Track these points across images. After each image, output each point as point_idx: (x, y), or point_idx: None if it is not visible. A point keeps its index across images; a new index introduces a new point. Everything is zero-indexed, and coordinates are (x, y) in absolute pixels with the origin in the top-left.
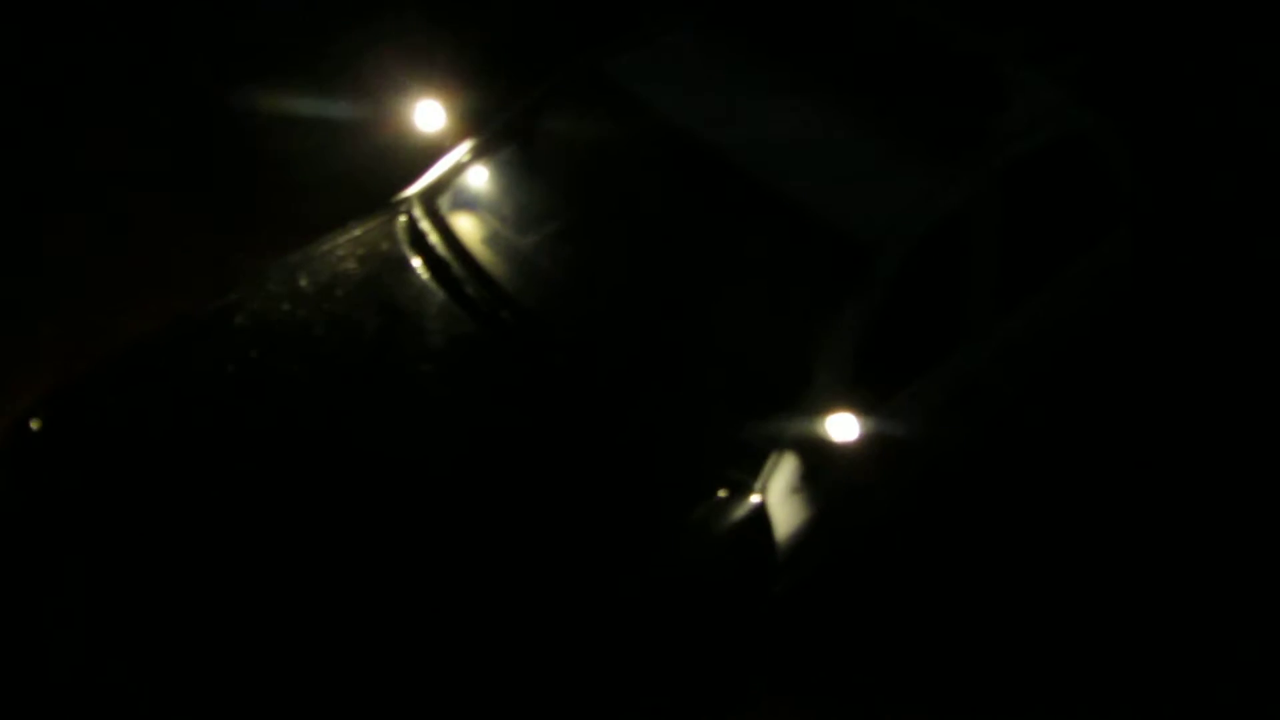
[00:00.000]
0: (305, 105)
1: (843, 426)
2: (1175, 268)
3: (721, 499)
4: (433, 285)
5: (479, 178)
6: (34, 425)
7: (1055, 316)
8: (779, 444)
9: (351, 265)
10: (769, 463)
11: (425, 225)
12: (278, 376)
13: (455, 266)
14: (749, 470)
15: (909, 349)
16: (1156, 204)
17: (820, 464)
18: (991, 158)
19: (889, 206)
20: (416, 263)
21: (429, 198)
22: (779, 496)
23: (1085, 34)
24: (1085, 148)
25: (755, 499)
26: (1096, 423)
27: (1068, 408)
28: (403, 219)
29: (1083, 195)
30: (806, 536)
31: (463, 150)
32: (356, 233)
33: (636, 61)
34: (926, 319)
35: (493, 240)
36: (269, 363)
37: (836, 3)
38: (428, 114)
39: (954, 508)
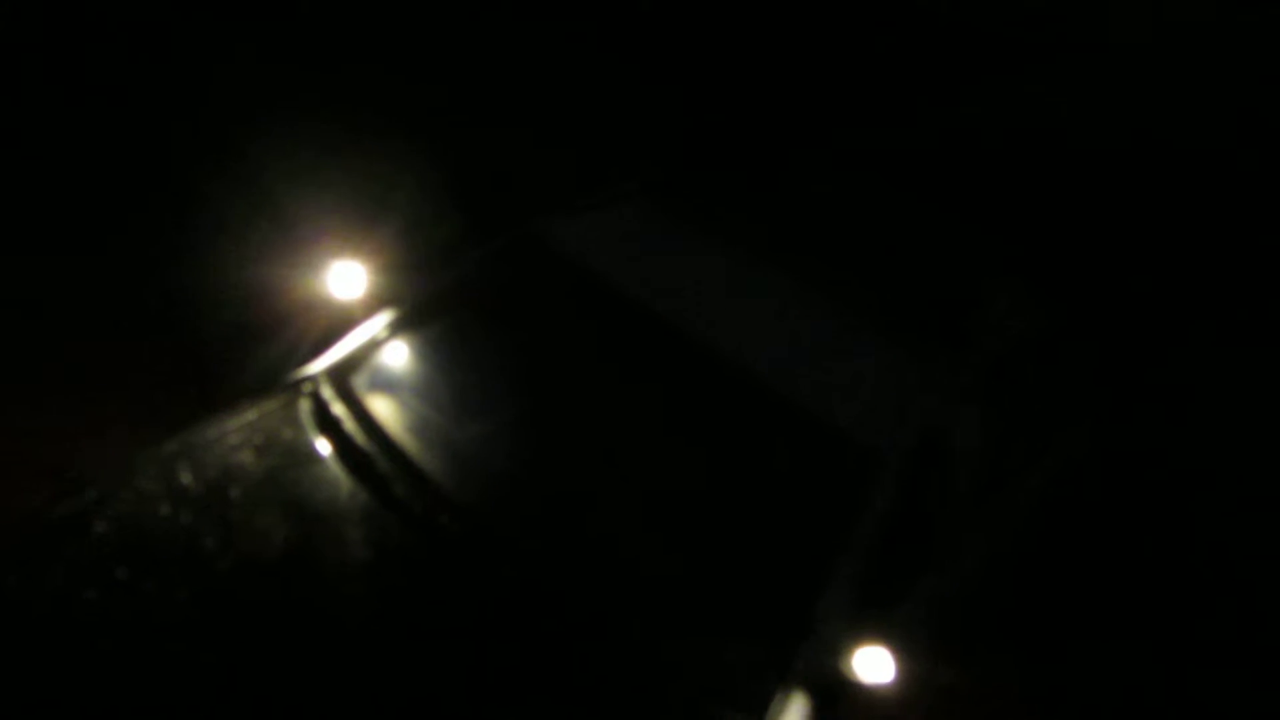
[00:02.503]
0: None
1: (863, 661)
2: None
3: None
4: (351, 483)
5: (401, 354)
6: None
7: (1025, 509)
8: (786, 678)
9: (247, 456)
10: (774, 702)
11: (338, 409)
12: (157, 605)
13: (380, 460)
14: (751, 711)
15: (908, 562)
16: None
17: (836, 702)
18: (978, 353)
19: (889, 404)
20: (329, 453)
21: (340, 376)
22: None
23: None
24: (1050, 343)
25: None
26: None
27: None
28: (307, 401)
29: (1049, 389)
30: None
31: (380, 321)
32: (250, 416)
33: (589, 230)
34: (921, 526)
35: (422, 428)
36: (144, 587)
37: (796, 175)
38: (344, 277)
39: None
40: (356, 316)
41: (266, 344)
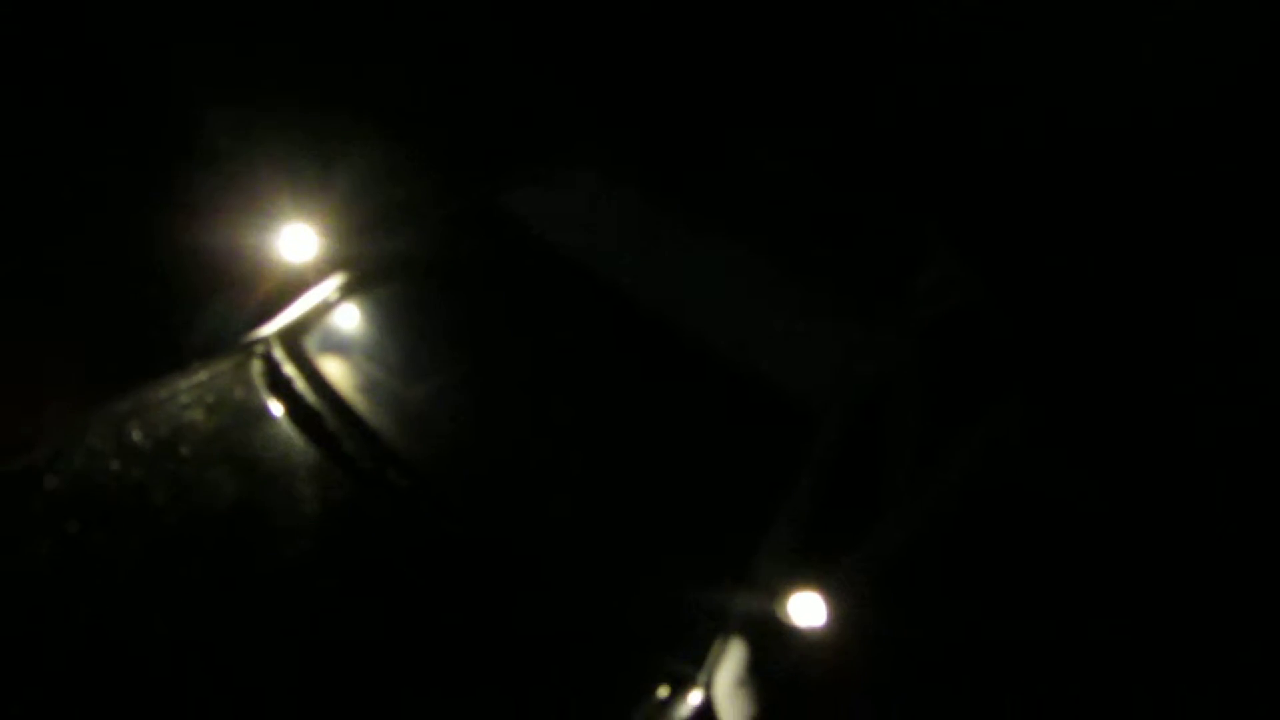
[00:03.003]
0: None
1: (797, 607)
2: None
3: (661, 698)
4: (302, 440)
5: (353, 317)
6: None
7: (959, 478)
8: (723, 627)
9: (198, 415)
10: (713, 650)
11: (290, 369)
12: (107, 557)
13: (330, 418)
14: (691, 660)
15: (846, 517)
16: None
17: (772, 650)
18: (915, 319)
19: (829, 366)
20: (280, 413)
21: (292, 337)
22: (726, 691)
23: (936, 198)
24: (980, 315)
25: (699, 695)
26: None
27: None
28: (259, 362)
29: (978, 361)
30: None
31: (332, 285)
32: (202, 376)
33: (543, 199)
34: (860, 484)
35: (372, 389)
36: (95, 539)
37: (740, 151)
38: (296, 240)
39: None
40: (309, 279)
41: (220, 305)
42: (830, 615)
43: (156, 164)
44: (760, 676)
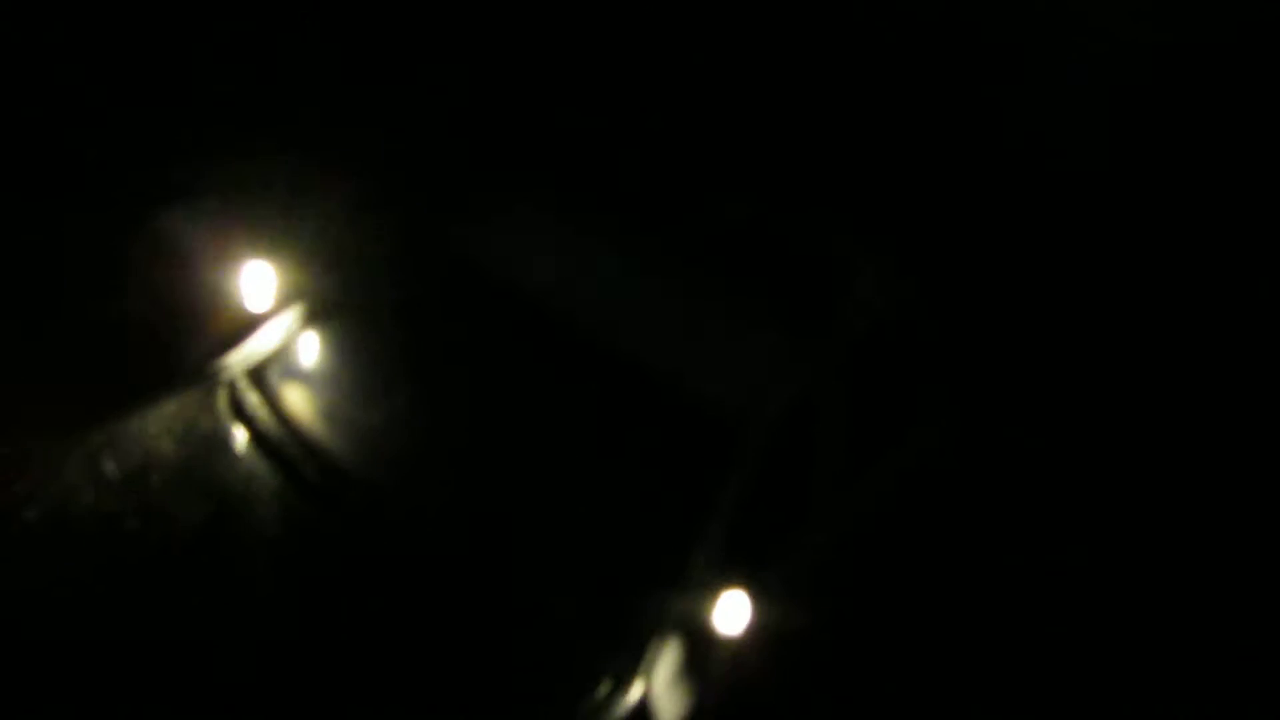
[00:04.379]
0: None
1: (726, 607)
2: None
3: (603, 695)
4: (264, 467)
5: (313, 346)
6: None
7: (885, 486)
8: (659, 628)
9: (167, 445)
10: (650, 649)
11: (253, 399)
12: (83, 585)
13: (290, 446)
14: (630, 659)
15: (774, 523)
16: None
17: (705, 648)
18: (842, 332)
19: (755, 377)
20: (243, 441)
21: (255, 368)
22: (663, 687)
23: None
24: (910, 327)
25: (638, 692)
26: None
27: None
28: (224, 391)
29: (908, 371)
30: None
31: (294, 316)
32: (170, 407)
33: (487, 227)
34: (788, 491)
35: (331, 415)
36: (71, 570)
37: (681, 172)
38: (258, 276)
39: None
40: (272, 311)
41: (188, 336)
42: (755, 618)
43: (120, 201)
44: (693, 675)
